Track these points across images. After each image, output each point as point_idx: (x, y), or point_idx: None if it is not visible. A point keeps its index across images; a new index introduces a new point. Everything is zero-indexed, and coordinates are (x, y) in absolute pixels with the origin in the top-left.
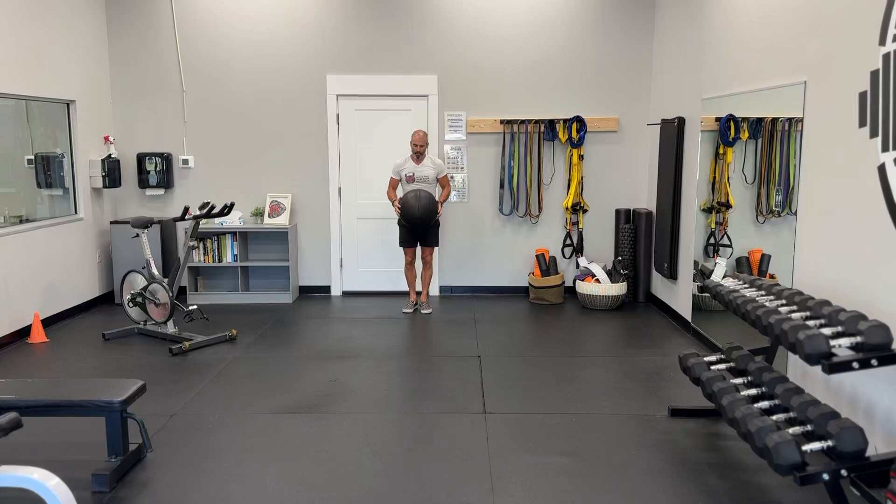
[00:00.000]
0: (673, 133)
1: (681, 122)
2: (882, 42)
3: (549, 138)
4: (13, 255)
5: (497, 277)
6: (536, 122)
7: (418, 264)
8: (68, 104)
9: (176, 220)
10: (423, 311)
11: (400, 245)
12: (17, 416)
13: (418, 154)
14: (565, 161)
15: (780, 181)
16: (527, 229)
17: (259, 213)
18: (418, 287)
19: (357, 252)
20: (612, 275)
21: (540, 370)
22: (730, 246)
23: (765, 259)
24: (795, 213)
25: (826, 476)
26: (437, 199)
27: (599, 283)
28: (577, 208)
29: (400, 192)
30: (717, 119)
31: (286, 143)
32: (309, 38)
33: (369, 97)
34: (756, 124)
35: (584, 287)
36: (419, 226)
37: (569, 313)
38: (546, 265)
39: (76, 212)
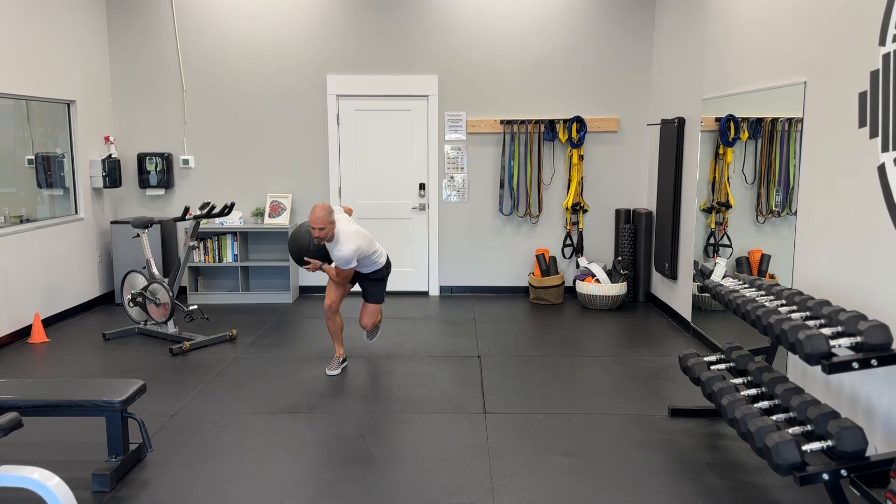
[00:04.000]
0: (673, 133)
1: (681, 122)
2: (882, 42)
3: (549, 138)
4: (13, 255)
5: (497, 277)
6: (536, 122)
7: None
8: (68, 104)
9: (176, 220)
10: (367, 340)
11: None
12: (17, 416)
13: (318, 239)
14: (565, 161)
15: (780, 181)
16: (527, 229)
17: (259, 213)
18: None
19: None
20: (612, 275)
21: (540, 370)
22: (730, 246)
23: (765, 259)
24: (795, 213)
25: (826, 476)
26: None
27: (599, 283)
28: (577, 208)
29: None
30: (717, 119)
31: (286, 143)
32: (309, 38)
33: (369, 97)
34: (756, 124)
35: (584, 287)
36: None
37: (569, 313)
38: (546, 265)
39: (76, 212)
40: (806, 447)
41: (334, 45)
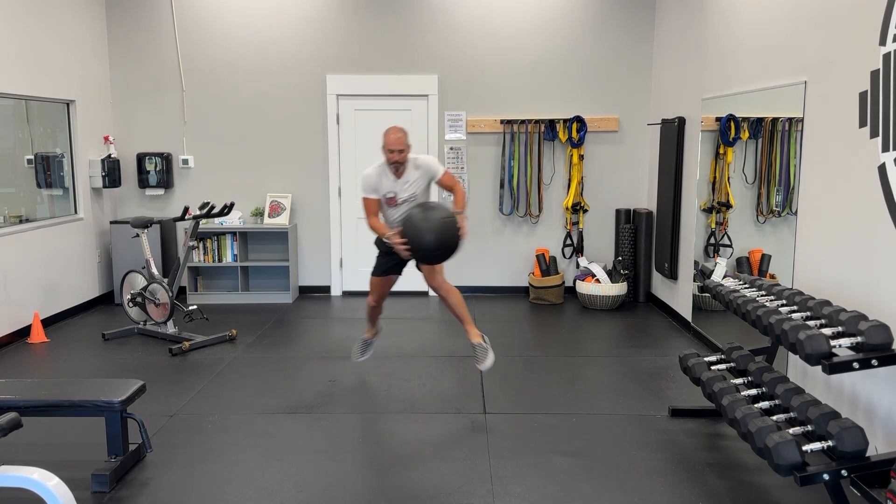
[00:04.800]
0: (673, 133)
1: (681, 121)
2: (882, 42)
3: (549, 138)
4: (13, 255)
5: (497, 277)
6: (536, 122)
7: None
8: (68, 104)
9: (176, 220)
10: (478, 367)
11: (376, 274)
12: (17, 416)
13: (396, 166)
14: (565, 161)
15: (781, 181)
16: (527, 229)
17: (259, 213)
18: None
19: (357, 252)
20: (613, 275)
21: (540, 370)
22: (730, 246)
23: (765, 259)
24: (795, 213)
25: (826, 476)
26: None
27: (599, 283)
28: (578, 208)
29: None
30: (718, 119)
31: (286, 143)
32: (309, 37)
33: (369, 97)
34: (756, 124)
35: (585, 287)
36: (441, 258)
37: (569, 313)
38: (546, 265)
39: (76, 212)
40: (806, 447)
41: (334, 45)
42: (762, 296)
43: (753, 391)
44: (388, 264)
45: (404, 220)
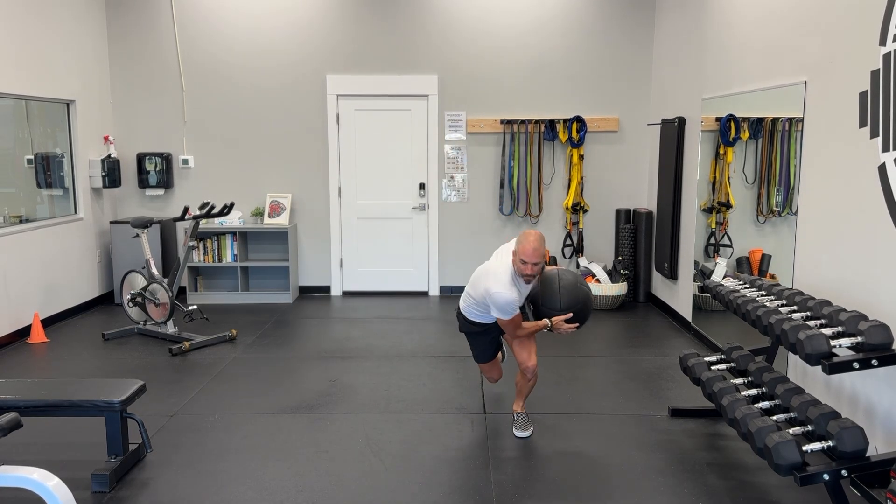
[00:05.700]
0: (673, 133)
1: (681, 121)
2: (882, 42)
3: (549, 138)
4: (13, 255)
5: None
6: (536, 122)
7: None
8: (68, 104)
9: (176, 220)
10: (516, 433)
11: (484, 361)
12: (17, 416)
13: (529, 279)
14: (565, 161)
15: (781, 181)
16: (527, 229)
17: (259, 213)
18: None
19: (357, 252)
20: (613, 275)
21: (540, 370)
22: (730, 246)
23: (765, 259)
24: (795, 213)
25: (826, 476)
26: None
27: (600, 283)
28: (578, 208)
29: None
30: (718, 119)
31: (286, 143)
32: (309, 37)
33: (369, 97)
34: (756, 124)
35: None
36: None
37: None
38: (546, 265)
39: (76, 212)
40: (806, 447)
41: (334, 45)
42: (762, 296)
43: (753, 391)
44: (489, 344)
45: (567, 303)
